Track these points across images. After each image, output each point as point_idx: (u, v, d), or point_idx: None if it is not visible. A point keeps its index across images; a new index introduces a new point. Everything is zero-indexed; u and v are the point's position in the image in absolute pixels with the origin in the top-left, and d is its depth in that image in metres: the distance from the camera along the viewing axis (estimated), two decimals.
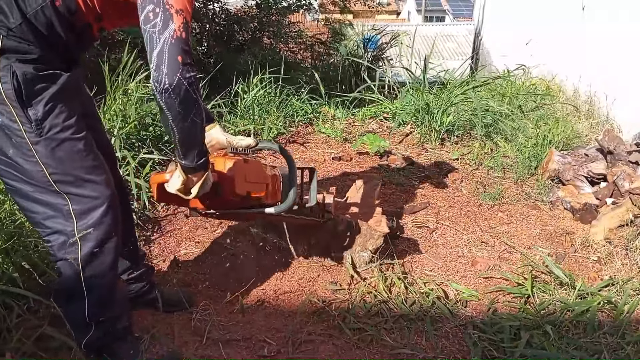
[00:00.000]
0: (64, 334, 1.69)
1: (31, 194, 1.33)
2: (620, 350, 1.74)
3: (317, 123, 3.74)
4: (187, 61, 1.21)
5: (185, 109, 1.23)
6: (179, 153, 1.35)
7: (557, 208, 2.79)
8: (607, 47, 3.97)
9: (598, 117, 3.98)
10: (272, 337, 1.77)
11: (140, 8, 1.23)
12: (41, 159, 1.29)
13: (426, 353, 1.74)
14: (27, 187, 1.33)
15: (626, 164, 2.75)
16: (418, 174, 3.11)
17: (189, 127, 1.27)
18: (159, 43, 1.19)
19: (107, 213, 1.39)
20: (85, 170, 1.36)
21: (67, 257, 1.38)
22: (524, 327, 1.83)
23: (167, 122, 1.27)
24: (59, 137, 1.31)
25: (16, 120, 1.26)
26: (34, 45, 1.26)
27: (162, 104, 1.23)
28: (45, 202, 1.34)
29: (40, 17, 1.23)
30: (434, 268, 2.23)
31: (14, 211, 2.02)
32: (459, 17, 24.23)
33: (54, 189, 1.32)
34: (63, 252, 1.38)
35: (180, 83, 1.19)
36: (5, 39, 1.22)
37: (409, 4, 29.65)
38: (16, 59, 1.23)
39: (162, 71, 1.19)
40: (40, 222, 1.37)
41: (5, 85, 1.23)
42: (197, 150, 1.35)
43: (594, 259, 2.33)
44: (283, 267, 2.16)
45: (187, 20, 1.23)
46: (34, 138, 1.28)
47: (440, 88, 4.01)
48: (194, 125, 1.28)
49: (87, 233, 1.37)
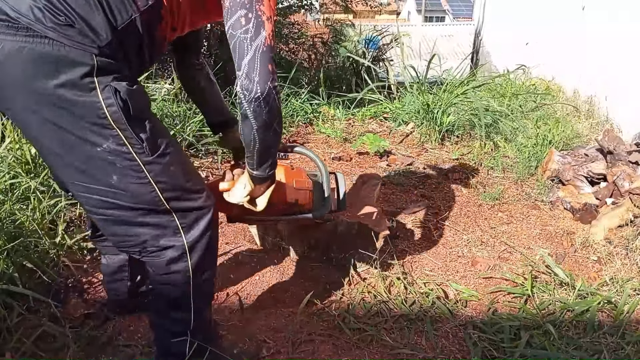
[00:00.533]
0: (64, 334, 1.69)
1: (135, 218, 1.28)
2: (620, 350, 1.74)
3: (317, 123, 3.74)
4: (275, 69, 1.18)
5: (270, 118, 1.20)
6: (252, 163, 1.32)
7: (557, 208, 2.79)
8: (607, 47, 3.97)
9: (598, 117, 3.98)
10: (272, 337, 1.77)
11: (229, 12, 1.19)
12: (155, 178, 1.24)
13: (426, 353, 1.74)
14: (130, 213, 1.27)
15: (626, 164, 2.75)
16: (418, 174, 3.11)
17: (271, 137, 1.25)
18: (251, 50, 1.15)
19: (211, 221, 1.37)
20: (192, 182, 1.34)
21: (179, 270, 1.35)
22: (524, 327, 1.83)
23: (250, 131, 1.22)
24: (168, 151, 1.27)
25: (124, 143, 1.19)
26: (122, 62, 1.20)
27: (250, 112, 1.18)
28: (151, 223, 1.29)
29: (129, 31, 1.18)
30: (434, 268, 2.24)
31: (14, 211, 2.02)
32: (459, 17, 24.23)
33: (164, 207, 1.28)
34: (173, 266, 1.35)
35: (270, 92, 1.16)
36: (98, 57, 1.14)
37: (409, 4, 29.66)
38: (111, 77, 1.16)
39: (254, 80, 1.15)
40: (143, 243, 1.32)
41: (111, 108, 1.16)
42: (272, 160, 1.33)
43: (594, 259, 2.33)
44: (283, 267, 2.16)
45: (273, 28, 1.20)
46: (146, 158, 1.22)
47: (440, 88, 4.01)
48: (275, 135, 1.25)
49: (194, 244, 1.35)
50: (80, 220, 2.29)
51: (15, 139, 2.39)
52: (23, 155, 2.35)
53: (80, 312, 1.82)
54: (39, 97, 1.13)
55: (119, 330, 1.76)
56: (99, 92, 1.15)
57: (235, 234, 2.40)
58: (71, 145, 1.18)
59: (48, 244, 2.02)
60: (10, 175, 2.20)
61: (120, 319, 1.79)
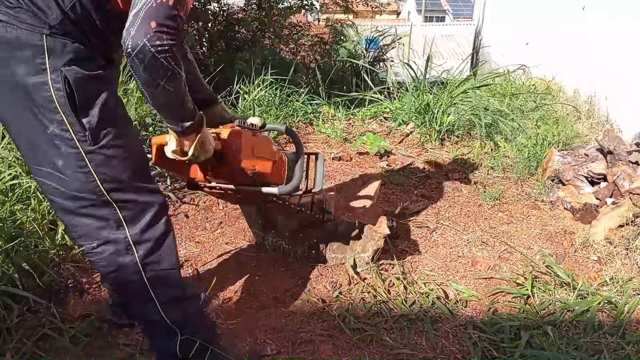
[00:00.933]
0: (64, 334, 1.70)
1: (78, 209, 1.29)
2: (620, 350, 1.74)
3: (317, 123, 3.74)
4: (161, 28, 1.10)
5: (152, 76, 1.14)
6: (163, 118, 1.29)
7: (557, 208, 2.79)
8: (607, 47, 3.97)
9: (598, 117, 3.98)
10: (272, 337, 1.77)
11: None
12: (95, 168, 1.25)
13: (426, 353, 1.74)
14: (73, 203, 1.28)
15: (626, 163, 2.75)
16: (418, 174, 3.11)
17: (159, 94, 1.18)
18: (139, 3, 1.11)
19: (158, 215, 1.38)
20: (139, 176, 1.34)
21: (125, 263, 1.35)
22: (524, 327, 1.83)
23: (138, 86, 1.21)
24: (114, 143, 1.27)
25: (68, 129, 1.21)
26: (78, 42, 1.20)
27: (130, 66, 1.15)
28: (93, 214, 1.30)
29: (78, 9, 1.17)
30: (434, 268, 2.23)
31: (14, 211, 2.02)
32: (459, 17, 24.24)
33: (105, 199, 1.28)
34: (119, 259, 1.35)
35: (146, 49, 1.09)
36: (49, 37, 1.16)
37: (409, 4, 29.65)
38: (64, 60, 1.18)
39: (130, 33, 1.10)
40: (86, 235, 1.33)
41: (58, 93, 1.17)
42: (181, 115, 1.26)
43: (594, 259, 2.33)
44: (283, 267, 2.16)
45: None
46: (87, 147, 1.23)
47: (440, 88, 4.00)
48: (167, 93, 1.18)
49: (140, 237, 1.35)
50: None
51: None
52: None
53: (80, 313, 1.82)
54: (1, 77, 1.17)
55: (119, 331, 1.76)
56: (49, 74, 1.17)
57: (235, 234, 2.40)
58: (27, 125, 1.21)
59: (48, 244, 2.02)
60: (10, 175, 2.20)
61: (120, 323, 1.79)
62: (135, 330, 1.76)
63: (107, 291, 1.78)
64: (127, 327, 1.77)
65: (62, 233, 2.08)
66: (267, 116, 3.53)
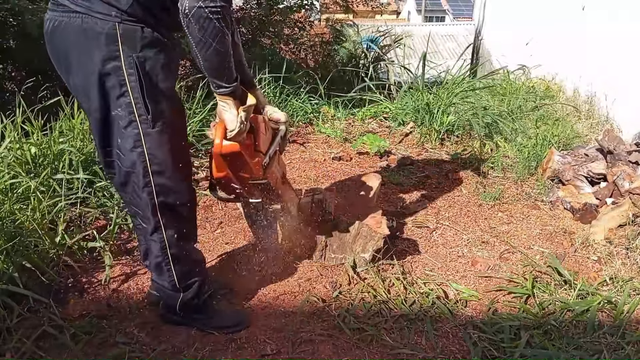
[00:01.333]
0: (64, 334, 1.70)
1: (127, 185, 1.47)
2: (620, 350, 1.74)
3: (317, 123, 3.74)
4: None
5: (205, 36, 1.25)
6: (212, 84, 1.38)
7: (557, 208, 2.79)
8: (607, 47, 3.97)
9: (598, 117, 3.98)
10: (272, 337, 1.77)
11: None
12: (148, 150, 1.39)
13: (426, 353, 1.74)
14: (125, 179, 1.46)
15: (626, 163, 2.75)
16: (418, 174, 3.11)
17: (211, 55, 1.29)
18: None
19: (186, 205, 1.55)
20: (181, 167, 1.48)
21: (155, 240, 1.55)
22: (524, 327, 1.83)
23: (191, 47, 1.29)
24: (169, 130, 1.40)
25: (133, 112, 1.34)
26: (148, 26, 1.31)
27: (185, 27, 1.26)
28: (137, 194, 1.47)
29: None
30: (434, 268, 2.23)
31: (14, 211, 2.02)
32: (459, 17, 24.23)
33: (149, 179, 1.43)
34: (151, 236, 1.55)
35: (201, 10, 1.21)
36: (121, 25, 1.27)
37: (409, 4, 29.64)
38: (136, 46, 1.29)
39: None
40: (132, 208, 1.55)
41: (130, 77, 1.31)
42: (229, 75, 1.36)
43: (594, 258, 2.33)
44: (283, 267, 2.16)
45: None
46: (146, 129, 1.37)
47: (440, 88, 4.00)
48: (217, 54, 1.29)
49: (169, 222, 1.53)
50: (80, 220, 2.29)
51: (15, 139, 2.39)
52: (23, 155, 2.35)
53: (80, 312, 1.82)
54: (80, 64, 1.31)
55: (118, 330, 1.76)
56: (122, 60, 1.29)
57: (235, 234, 2.40)
58: (97, 107, 1.35)
59: (48, 244, 2.02)
60: (10, 175, 2.20)
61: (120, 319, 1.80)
62: (134, 331, 1.76)
63: None
64: None
65: (62, 233, 2.08)
66: None
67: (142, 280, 2.03)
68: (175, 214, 1.55)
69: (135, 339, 1.72)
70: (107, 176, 2.01)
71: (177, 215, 1.55)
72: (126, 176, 1.45)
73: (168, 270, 1.62)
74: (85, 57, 1.29)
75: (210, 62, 1.31)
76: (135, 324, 1.79)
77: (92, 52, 1.28)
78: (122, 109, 1.34)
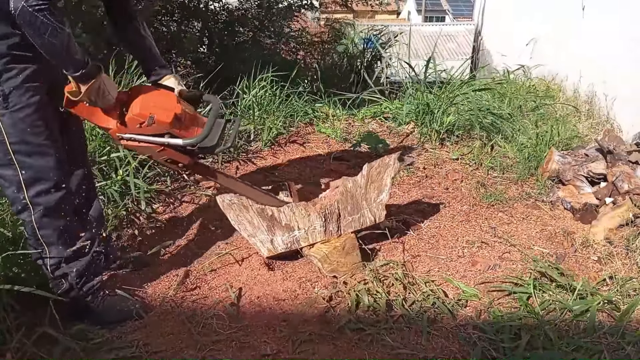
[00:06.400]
0: (64, 334, 1.70)
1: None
2: (620, 350, 1.74)
3: (317, 123, 3.74)
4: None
5: (35, 31, 1.40)
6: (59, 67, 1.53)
7: (557, 208, 2.79)
8: (607, 47, 3.97)
9: (598, 117, 3.98)
10: (272, 337, 1.77)
11: None
12: (5, 128, 1.51)
13: (426, 353, 1.74)
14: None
15: (626, 163, 2.75)
16: (418, 174, 3.11)
17: (48, 45, 1.44)
18: None
19: (55, 184, 1.61)
20: (40, 145, 1.57)
21: (26, 220, 1.64)
22: (524, 327, 1.83)
23: None
24: (23, 112, 1.52)
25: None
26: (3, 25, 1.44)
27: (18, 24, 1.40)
28: (2, 175, 1.57)
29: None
30: (434, 268, 2.23)
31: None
32: (459, 17, 24.20)
33: (10, 157, 1.53)
34: (21, 216, 1.64)
35: (25, 9, 1.35)
36: None
37: (409, 4, 29.64)
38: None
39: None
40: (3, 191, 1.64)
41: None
42: (71, 64, 1.50)
43: (594, 259, 2.33)
44: (283, 267, 2.16)
45: None
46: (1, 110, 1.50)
47: (440, 88, 4.00)
48: (52, 45, 1.43)
49: (36, 200, 1.60)
50: None
51: None
52: None
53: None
54: None
55: (117, 331, 1.76)
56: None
57: (236, 234, 2.40)
58: None
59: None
60: None
61: None
62: (133, 332, 1.76)
63: None
64: None
65: None
66: (267, 116, 3.53)
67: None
68: None
69: (134, 342, 1.72)
70: None
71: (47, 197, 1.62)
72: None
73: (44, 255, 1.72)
74: None
75: (47, 52, 1.46)
76: (136, 324, 1.79)
77: None
78: None
